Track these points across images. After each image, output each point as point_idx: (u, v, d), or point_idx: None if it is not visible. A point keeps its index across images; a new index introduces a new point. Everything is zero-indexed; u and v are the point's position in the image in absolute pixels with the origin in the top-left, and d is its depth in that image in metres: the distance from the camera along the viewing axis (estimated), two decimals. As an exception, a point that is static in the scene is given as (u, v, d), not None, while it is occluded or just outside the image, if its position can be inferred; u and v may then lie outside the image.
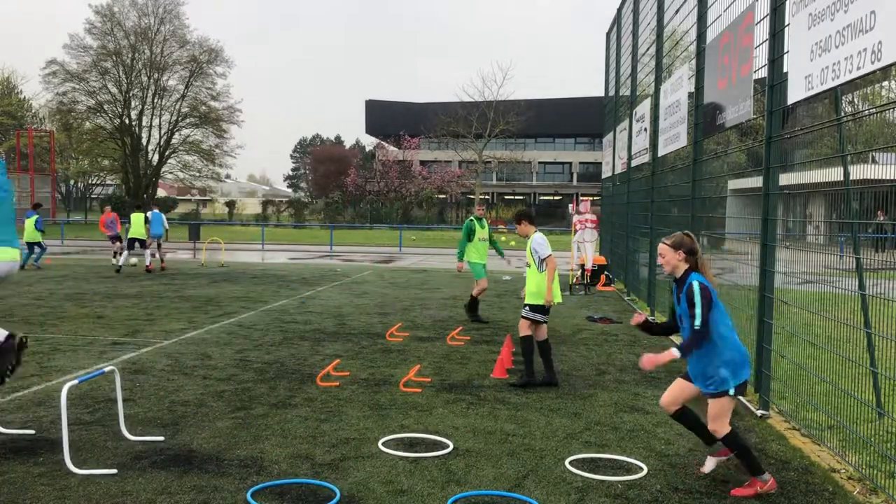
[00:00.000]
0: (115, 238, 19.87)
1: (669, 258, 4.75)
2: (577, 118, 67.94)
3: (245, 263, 22.23)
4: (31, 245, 18.39)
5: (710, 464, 4.87)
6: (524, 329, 7.35)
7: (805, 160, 6.61)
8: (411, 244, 34.87)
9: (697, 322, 4.48)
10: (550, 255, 7.25)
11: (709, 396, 4.61)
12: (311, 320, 10.99)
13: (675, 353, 4.50)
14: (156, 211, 18.60)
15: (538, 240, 7.34)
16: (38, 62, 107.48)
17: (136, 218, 17.90)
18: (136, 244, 17.93)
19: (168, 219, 19.08)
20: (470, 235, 11.23)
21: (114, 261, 19.83)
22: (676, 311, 4.81)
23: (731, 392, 4.55)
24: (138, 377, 7.17)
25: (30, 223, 18.28)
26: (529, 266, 7.38)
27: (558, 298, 7.37)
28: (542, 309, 7.24)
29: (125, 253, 18.05)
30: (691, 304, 4.53)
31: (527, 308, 7.32)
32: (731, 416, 4.61)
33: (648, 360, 4.60)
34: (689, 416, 4.82)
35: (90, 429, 5.51)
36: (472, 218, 11.45)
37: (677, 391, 4.81)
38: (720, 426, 4.55)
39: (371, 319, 11.21)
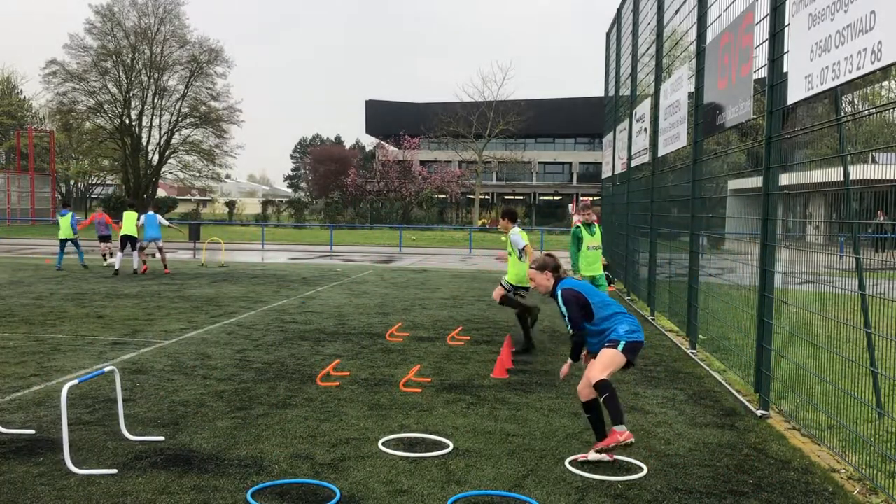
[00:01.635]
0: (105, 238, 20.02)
1: (539, 280, 5.19)
2: (577, 118, 67.90)
3: (245, 263, 22.23)
4: (62, 242, 18.30)
5: (593, 455, 4.99)
6: (498, 295, 8.87)
7: (805, 160, 6.61)
8: (411, 244, 34.87)
9: (570, 328, 5.03)
10: (527, 244, 8.58)
11: (603, 347, 4.93)
12: (311, 320, 10.99)
13: (571, 362, 5.14)
14: (150, 213, 17.84)
15: (513, 236, 8.76)
16: (38, 62, 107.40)
17: (129, 216, 17.55)
18: (128, 243, 17.47)
19: (168, 219, 18.74)
20: (578, 244, 10.05)
21: (105, 263, 19.73)
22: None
23: (621, 347, 4.87)
24: (138, 377, 7.17)
25: (65, 220, 18.06)
26: (511, 255, 8.80)
27: None
28: (517, 287, 8.70)
29: (119, 254, 17.55)
30: (562, 314, 5.06)
31: (507, 283, 8.84)
32: (612, 374, 4.90)
33: (563, 371, 5.21)
34: (596, 410, 5.04)
35: (90, 429, 5.51)
36: (578, 225, 10.21)
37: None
38: (597, 375, 4.81)
39: (371, 319, 11.22)
